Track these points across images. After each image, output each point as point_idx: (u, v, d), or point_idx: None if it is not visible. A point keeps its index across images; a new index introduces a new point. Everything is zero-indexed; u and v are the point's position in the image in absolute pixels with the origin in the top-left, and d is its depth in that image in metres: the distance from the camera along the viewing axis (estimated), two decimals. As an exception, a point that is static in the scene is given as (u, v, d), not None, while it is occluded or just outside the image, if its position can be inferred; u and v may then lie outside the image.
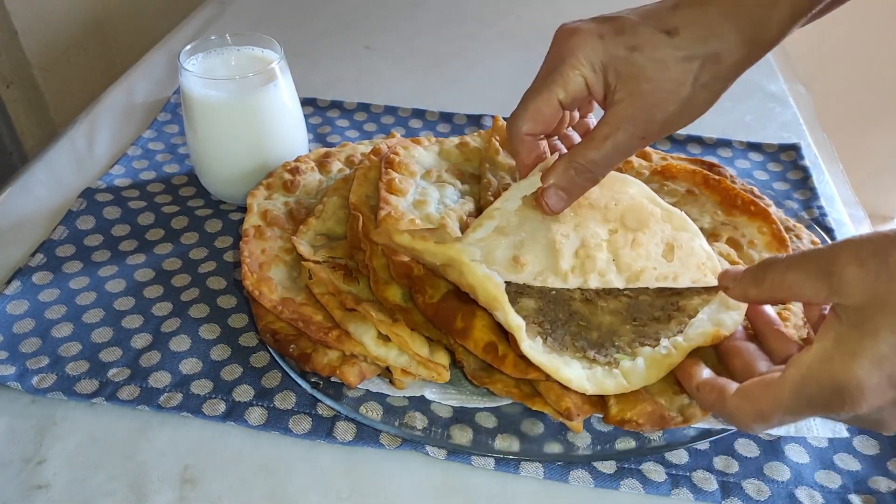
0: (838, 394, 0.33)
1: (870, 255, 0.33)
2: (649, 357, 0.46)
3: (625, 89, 0.43)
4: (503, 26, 1.07)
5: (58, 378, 0.52)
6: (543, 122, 0.46)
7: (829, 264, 0.35)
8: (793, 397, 0.35)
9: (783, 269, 0.37)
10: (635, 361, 0.46)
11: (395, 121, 0.84)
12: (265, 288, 0.52)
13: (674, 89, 0.42)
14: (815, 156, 0.80)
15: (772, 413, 0.37)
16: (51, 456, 0.48)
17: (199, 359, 0.54)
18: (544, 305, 0.48)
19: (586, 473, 0.47)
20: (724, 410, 0.40)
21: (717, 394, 0.40)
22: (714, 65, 0.42)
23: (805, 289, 0.36)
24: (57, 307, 0.58)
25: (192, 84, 0.62)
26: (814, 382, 0.34)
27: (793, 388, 0.35)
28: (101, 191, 0.70)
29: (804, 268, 0.36)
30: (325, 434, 0.49)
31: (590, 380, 0.45)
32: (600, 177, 0.46)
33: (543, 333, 0.47)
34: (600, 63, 0.43)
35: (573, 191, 0.46)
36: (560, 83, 0.44)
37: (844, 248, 0.35)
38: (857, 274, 0.33)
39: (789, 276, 0.37)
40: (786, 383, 0.36)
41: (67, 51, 1.37)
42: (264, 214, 0.58)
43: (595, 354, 0.47)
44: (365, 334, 0.48)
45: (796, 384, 0.35)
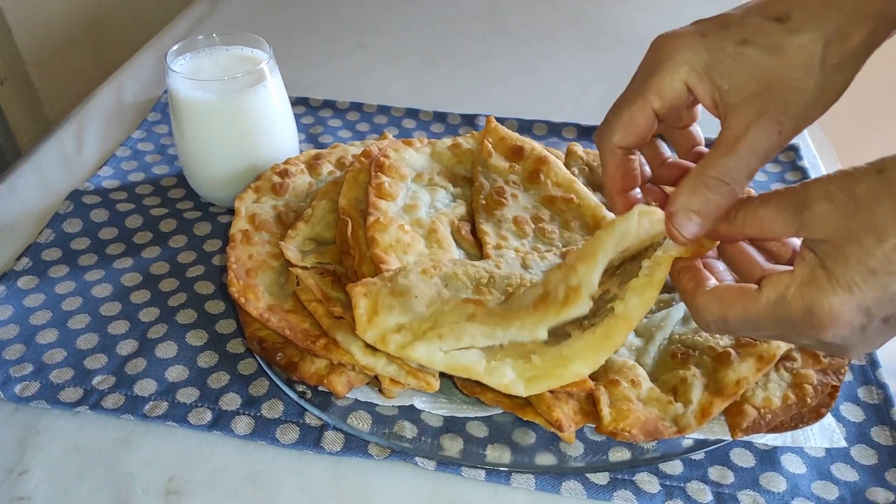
0: (808, 318, 0.35)
1: (838, 189, 0.34)
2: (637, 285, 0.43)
3: (744, 87, 0.38)
4: (499, 24, 1.05)
5: (41, 386, 0.51)
6: (636, 134, 0.42)
7: (799, 200, 0.35)
8: (763, 314, 0.36)
9: (755, 206, 0.37)
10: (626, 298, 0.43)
11: (388, 120, 0.83)
12: (252, 295, 0.51)
13: (801, 77, 0.38)
14: (814, 156, 0.79)
15: (736, 321, 0.38)
16: (33, 466, 0.48)
17: (185, 366, 0.53)
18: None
19: (578, 484, 0.47)
20: (692, 302, 0.40)
21: (693, 284, 0.40)
22: (841, 43, 0.38)
23: (776, 224, 0.36)
24: (42, 312, 0.57)
25: (180, 85, 0.61)
26: (787, 305, 0.35)
27: (766, 305, 0.36)
28: (89, 192, 0.69)
29: (775, 204, 0.36)
30: (312, 444, 0.48)
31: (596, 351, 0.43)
32: (739, 189, 0.39)
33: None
34: (704, 64, 0.39)
35: (709, 210, 0.39)
36: (655, 90, 0.40)
37: (814, 184, 0.35)
38: (826, 208, 0.34)
39: (761, 211, 0.37)
40: (760, 299, 0.36)
41: (62, 47, 1.36)
42: (252, 218, 0.57)
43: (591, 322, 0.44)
44: (353, 343, 0.47)
45: (770, 302, 0.36)
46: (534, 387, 0.43)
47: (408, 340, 0.44)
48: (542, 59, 0.96)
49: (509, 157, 0.61)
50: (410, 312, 0.45)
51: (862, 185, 0.33)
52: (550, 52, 0.97)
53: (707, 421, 0.46)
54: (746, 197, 0.38)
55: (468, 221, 0.57)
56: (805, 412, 0.47)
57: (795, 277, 0.35)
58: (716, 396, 0.46)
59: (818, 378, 0.48)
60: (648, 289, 0.43)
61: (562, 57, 0.96)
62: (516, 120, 0.82)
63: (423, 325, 0.44)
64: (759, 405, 0.47)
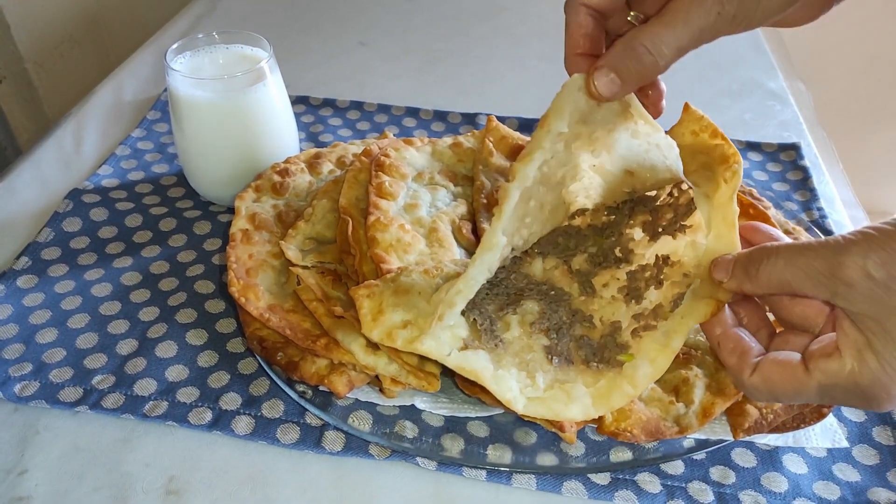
0: (865, 400, 0.36)
1: (877, 266, 0.33)
2: (651, 349, 0.43)
3: None
4: (500, 22, 1.05)
5: (41, 386, 0.51)
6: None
7: (833, 269, 0.34)
8: (817, 395, 0.37)
9: (781, 267, 0.37)
10: (638, 364, 0.43)
11: (388, 119, 0.83)
12: (252, 294, 0.51)
13: None
14: (815, 155, 0.79)
15: (788, 399, 0.39)
16: (33, 466, 0.47)
17: (185, 365, 0.53)
18: (546, 308, 0.47)
19: (580, 485, 0.46)
20: (741, 382, 0.40)
21: (737, 359, 0.40)
22: None
23: (805, 289, 0.36)
24: (41, 312, 0.57)
25: (179, 84, 0.61)
26: (841, 390, 0.36)
27: (818, 389, 0.37)
28: (88, 192, 0.69)
29: (804, 267, 0.36)
30: (313, 444, 0.48)
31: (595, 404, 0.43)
32: (664, 62, 0.38)
33: (549, 350, 0.45)
34: None
35: (628, 75, 0.39)
36: None
37: (850, 253, 0.34)
38: (866, 284, 0.34)
39: (788, 274, 0.36)
40: (810, 384, 0.37)
41: (61, 45, 1.36)
42: (252, 218, 0.57)
43: (598, 365, 0.45)
44: (354, 342, 0.47)
45: (823, 387, 0.37)
46: (532, 409, 0.43)
47: (414, 335, 0.43)
48: (542, 57, 0.96)
49: (510, 156, 0.61)
50: (415, 309, 0.44)
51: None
52: (551, 51, 0.97)
53: (709, 421, 0.46)
54: (767, 248, 0.38)
55: (469, 221, 0.57)
56: (807, 412, 0.47)
57: (844, 364, 0.36)
58: (718, 396, 0.46)
59: (820, 378, 0.48)
60: (662, 357, 0.43)
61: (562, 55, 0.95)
62: (517, 118, 0.82)
63: (428, 319, 0.43)
64: (760, 405, 0.47)
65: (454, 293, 0.42)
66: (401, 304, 0.45)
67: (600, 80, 0.40)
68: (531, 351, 0.45)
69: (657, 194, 0.47)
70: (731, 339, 0.41)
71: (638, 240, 0.47)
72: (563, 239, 0.48)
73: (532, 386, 0.44)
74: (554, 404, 0.43)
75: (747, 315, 0.43)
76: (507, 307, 0.47)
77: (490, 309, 0.46)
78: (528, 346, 0.45)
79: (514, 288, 0.48)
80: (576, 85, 0.40)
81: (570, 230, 0.48)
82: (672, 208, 0.46)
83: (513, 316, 0.46)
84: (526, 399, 0.43)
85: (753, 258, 0.38)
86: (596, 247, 0.48)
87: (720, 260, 0.41)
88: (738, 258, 0.40)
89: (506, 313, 0.47)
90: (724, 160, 0.44)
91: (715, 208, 0.43)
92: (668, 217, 0.46)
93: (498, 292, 0.47)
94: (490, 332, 0.45)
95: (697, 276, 0.43)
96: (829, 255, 0.35)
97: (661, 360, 0.43)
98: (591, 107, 0.41)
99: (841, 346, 0.36)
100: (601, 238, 0.48)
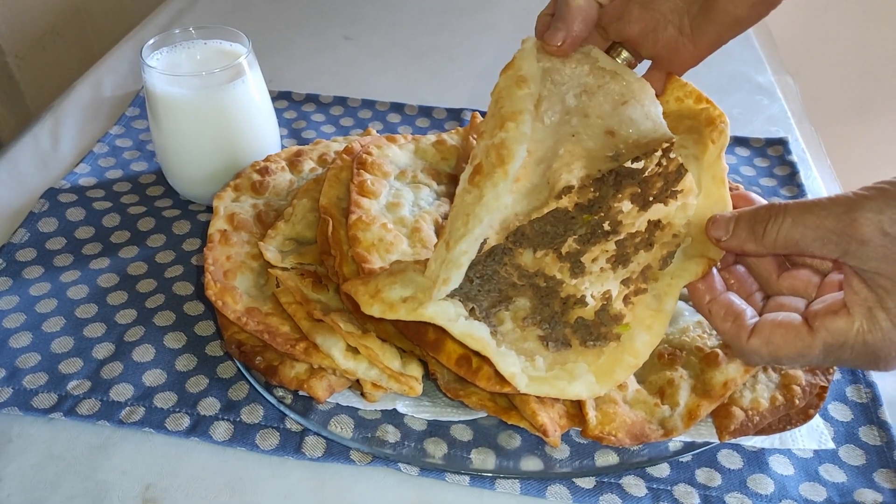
0: (874, 359, 0.35)
1: (893, 221, 0.32)
2: (646, 316, 0.42)
3: None
4: (486, 17, 1.04)
5: (14, 392, 0.50)
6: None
7: (845, 226, 0.33)
8: (822, 356, 0.36)
9: (789, 226, 0.35)
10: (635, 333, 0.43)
11: (372, 115, 0.82)
12: (229, 298, 0.49)
13: None
14: (802, 150, 0.79)
15: (791, 361, 0.38)
16: (6, 475, 0.46)
17: (163, 370, 0.52)
18: (538, 303, 0.46)
19: (564, 489, 0.46)
20: (739, 347, 0.39)
21: (731, 323, 0.39)
22: None
23: (815, 248, 0.35)
24: (15, 315, 0.56)
25: (156, 80, 0.59)
26: (849, 349, 0.35)
27: (824, 349, 0.36)
28: (65, 191, 0.68)
29: (814, 226, 0.34)
30: (293, 450, 0.47)
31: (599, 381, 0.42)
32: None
33: (545, 338, 0.44)
34: None
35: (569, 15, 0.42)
36: None
37: (864, 209, 0.33)
38: (881, 241, 0.33)
39: (796, 233, 0.35)
40: (816, 344, 0.36)
41: (43, 38, 1.33)
42: (231, 218, 0.56)
43: (595, 343, 0.43)
44: (333, 346, 0.46)
45: (829, 346, 0.36)
46: (535, 388, 0.42)
47: (415, 305, 0.41)
48: (529, 51, 0.95)
49: (494, 153, 0.60)
50: (412, 284, 0.43)
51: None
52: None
53: (694, 423, 0.46)
54: (773, 206, 0.36)
55: (452, 220, 0.55)
56: (793, 413, 0.47)
57: (854, 320, 0.35)
58: (703, 398, 0.46)
59: (806, 379, 0.47)
60: (657, 322, 0.42)
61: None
62: (503, 114, 0.80)
63: (427, 292, 0.42)
64: (746, 407, 0.46)
65: (459, 254, 0.40)
66: (397, 281, 0.43)
67: (550, 35, 0.42)
68: (527, 341, 0.44)
69: (644, 165, 0.46)
70: (723, 304, 0.40)
71: (627, 211, 0.46)
72: (552, 227, 0.47)
73: (532, 367, 0.42)
74: (557, 382, 0.42)
75: (736, 282, 0.42)
76: (499, 304, 0.46)
77: (483, 305, 0.45)
78: (522, 338, 0.45)
79: (504, 283, 0.47)
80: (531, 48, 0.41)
81: (557, 215, 0.47)
82: (662, 177, 0.45)
83: (505, 312, 0.46)
84: (528, 378, 0.42)
85: (759, 216, 0.37)
86: (584, 227, 0.47)
87: (718, 217, 0.40)
88: (741, 215, 0.38)
89: (498, 310, 0.46)
90: (711, 122, 0.44)
91: (704, 169, 0.43)
92: (659, 186, 0.45)
93: (489, 288, 0.46)
94: (487, 321, 0.44)
95: (688, 235, 0.43)
96: (841, 213, 0.33)
97: (657, 326, 0.42)
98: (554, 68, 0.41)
99: (849, 304, 0.35)
100: (589, 215, 0.47)
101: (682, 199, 0.44)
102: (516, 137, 0.40)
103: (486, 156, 0.41)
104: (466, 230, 0.40)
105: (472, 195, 0.41)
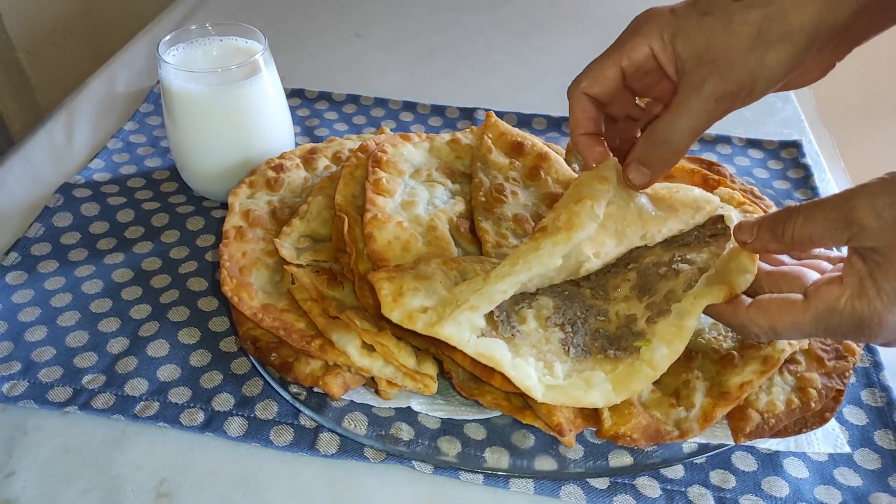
0: (860, 327, 0.37)
1: (886, 205, 0.35)
2: (667, 332, 0.44)
3: (698, 56, 0.42)
4: (499, 15, 1.04)
5: (30, 385, 0.50)
6: (602, 84, 0.46)
7: (847, 214, 0.36)
8: (814, 323, 0.39)
9: (802, 222, 0.39)
10: (654, 346, 0.44)
11: (385, 113, 0.82)
12: (245, 294, 0.50)
13: (744, 49, 0.41)
14: (816, 153, 0.78)
15: (786, 331, 0.40)
16: (20, 468, 0.46)
17: (177, 365, 0.52)
18: (561, 303, 0.47)
19: (578, 489, 0.46)
20: (736, 320, 0.42)
21: (731, 303, 0.43)
22: (781, 22, 0.40)
23: (825, 238, 0.38)
24: (31, 309, 0.56)
25: (172, 77, 0.60)
26: (837, 315, 0.38)
27: (816, 316, 0.39)
28: (80, 186, 0.68)
29: (822, 219, 0.38)
30: (307, 446, 0.47)
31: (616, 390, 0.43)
32: (681, 147, 0.44)
33: (566, 343, 0.46)
34: (670, 33, 0.43)
35: (654, 164, 0.45)
36: (625, 51, 0.45)
37: (859, 198, 0.36)
38: (875, 223, 0.36)
39: (808, 228, 0.38)
40: (809, 310, 0.39)
41: (53, 34, 1.34)
42: (246, 214, 0.56)
43: (615, 352, 0.45)
44: (349, 344, 0.46)
45: (820, 313, 0.38)
46: (551, 396, 0.43)
47: (434, 320, 0.43)
48: (541, 51, 0.95)
49: (509, 153, 0.60)
50: (435, 296, 0.44)
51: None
52: (550, 45, 0.96)
53: (709, 425, 0.45)
54: (788, 209, 0.40)
55: (467, 219, 0.55)
56: (809, 417, 0.47)
57: (845, 288, 0.37)
58: (719, 400, 0.45)
59: (822, 382, 0.47)
60: (677, 339, 0.44)
61: (562, 49, 0.94)
62: (515, 114, 0.80)
63: (447, 307, 0.43)
64: (762, 409, 0.46)
65: (496, 291, 0.42)
66: (421, 289, 0.44)
67: (633, 173, 0.45)
68: (548, 342, 0.46)
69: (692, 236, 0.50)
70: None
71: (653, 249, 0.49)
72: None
73: (550, 375, 0.44)
74: (574, 391, 0.43)
75: None
76: (523, 301, 0.47)
77: (506, 303, 0.45)
78: (544, 339, 0.46)
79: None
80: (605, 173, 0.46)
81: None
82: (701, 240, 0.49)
83: (528, 310, 0.47)
84: (545, 387, 0.43)
85: (778, 218, 0.40)
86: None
87: (743, 223, 0.43)
88: (763, 219, 0.42)
89: (521, 307, 0.47)
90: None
91: None
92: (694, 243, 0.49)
93: None
94: (507, 324, 0.45)
95: (713, 267, 0.46)
96: (842, 203, 0.37)
97: (677, 342, 0.44)
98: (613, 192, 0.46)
99: (844, 276, 0.38)
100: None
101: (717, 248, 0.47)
102: (590, 214, 0.44)
103: (555, 219, 0.44)
104: (513, 272, 0.43)
105: (529, 246, 0.43)
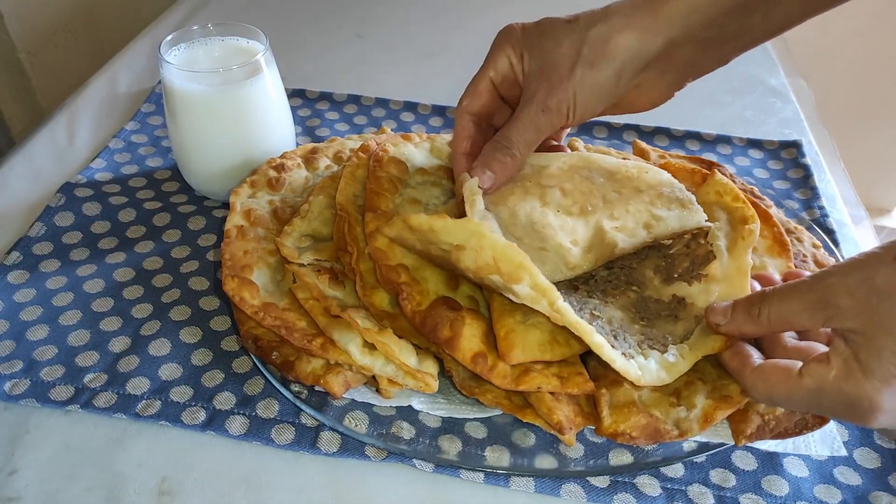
0: (851, 410, 0.37)
1: (857, 283, 0.36)
2: (659, 361, 0.45)
3: (536, 71, 0.47)
4: (499, 16, 1.04)
5: (31, 384, 0.50)
6: (480, 98, 0.51)
7: (821, 296, 0.38)
8: (805, 399, 0.39)
9: (777, 304, 0.40)
10: (648, 361, 0.45)
11: (386, 113, 0.82)
12: (246, 293, 0.50)
13: (568, 67, 0.46)
14: (816, 153, 0.79)
15: (782, 402, 0.41)
16: (23, 466, 0.47)
17: (179, 364, 0.52)
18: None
19: (578, 487, 0.46)
20: (742, 379, 0.43)
21: (739, 361, 0.43)
22: (602, 46, 0.45)
23: (803, 319, 0.39)
24: (32, 308, 0.56)
25: (174, 77, 0.60)
26: (827, 396, 0.38)
27: (807, 393, 0.39)
28: (81, 185, 0.68)
29: (797, 301, 0.39)
30: (308, 445, 0.47)
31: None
32: (518, 153, 0.48)
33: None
34: (520, 48, 0.49)
35: (495, 168, 0.48)
36: (491, 64, 0.50)
37: (832, 278, 0.38)
38: (849, 303, 0.36)
39: (784, 308, 0.40)
40: (801, 384, 0.39)
41: (55, 35, 1.34)
42: (247, 214, 0.56)
43: (614, 342, 0.45)
44: (350, 342, 0.46)
45: (811, 392, 0.39)
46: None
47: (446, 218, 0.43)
48: (542, 51, 0.95)
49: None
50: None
51: (880, 276, 0.36)
52: (551, 45, 0.96)
53: (709, 426, 0.45)
54: (762, 293, 0.41)
55: (468, 218, 0.56)
56: (809, 418, 0.47)
57: (831, 369, 0.38)
58: (720, 403, 0.45)
59: (822, 381, 0.47)
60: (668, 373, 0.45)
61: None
62: (516, 114, 0.81)
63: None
64: (763, 411, 0.46)
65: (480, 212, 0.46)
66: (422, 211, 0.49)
67: (482, 178, 0.48)
68: None
69: (672, 243, 0.50)
70: (736, 347, 0.44)
71: (649, 278, 0.50)
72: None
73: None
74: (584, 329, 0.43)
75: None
76: None
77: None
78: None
79: None
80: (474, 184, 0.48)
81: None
82: (688, 258, 0.49)
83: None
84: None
85: (753, 300, 0.42)
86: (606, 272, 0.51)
87: (715, 306, 0.44)
88: (737, 302, 0.43)
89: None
90: (744, 220, 0.50)
91: (732, 259, 0.48)
92: (685, 265, 0.49)
93: None
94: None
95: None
96: (815, 284, 0.38)
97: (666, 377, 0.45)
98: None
99: (830, 355, 0.38)
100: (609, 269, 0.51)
101: (706, 283, 0.48)
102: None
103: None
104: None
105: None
